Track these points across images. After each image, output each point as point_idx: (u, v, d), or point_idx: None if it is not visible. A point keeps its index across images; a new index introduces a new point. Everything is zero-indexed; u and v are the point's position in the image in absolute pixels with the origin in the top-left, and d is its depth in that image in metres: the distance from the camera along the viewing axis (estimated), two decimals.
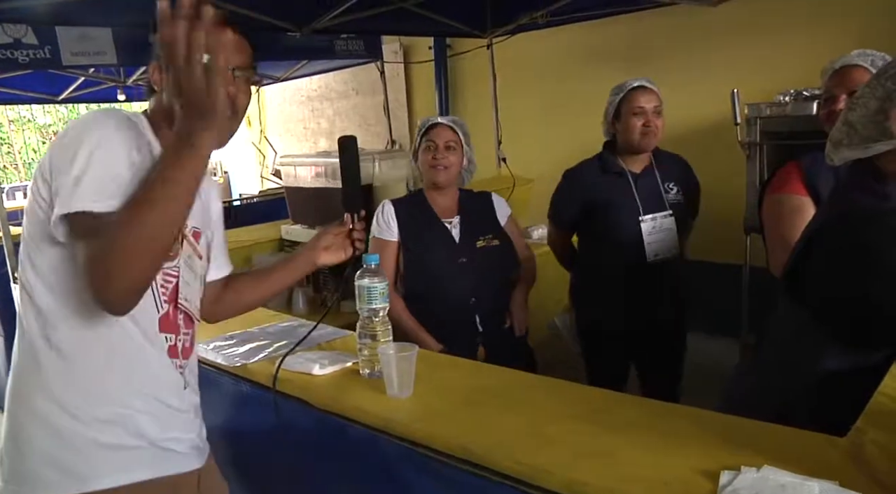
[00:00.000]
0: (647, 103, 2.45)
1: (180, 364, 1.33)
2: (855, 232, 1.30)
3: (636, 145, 2.47)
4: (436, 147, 2.32)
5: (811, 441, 1.09)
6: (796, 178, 1.91)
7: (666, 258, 2.47)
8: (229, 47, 1.21)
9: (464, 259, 2.26)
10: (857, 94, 1.40)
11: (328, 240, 1.58)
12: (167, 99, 1.27)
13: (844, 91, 1.86)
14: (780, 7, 3.95)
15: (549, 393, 1.41)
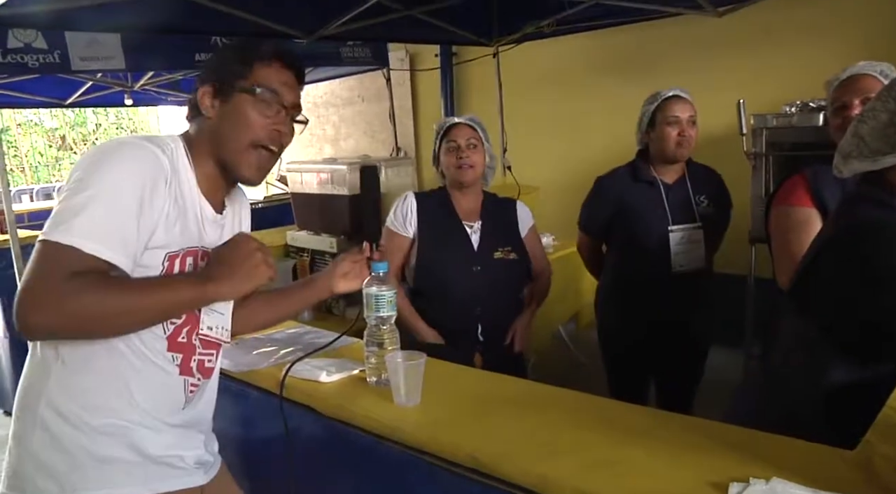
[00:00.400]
0: (682, 113, 2.44)
1: (195, 382, 1.33)
2: (864, 244, 1.30)
3: (671, 155, 2.46)
4: (458, 146, 2.29)
5: (820, 453, 1.09)
6: (803, 190, 1.91)
7: (691, 269, 2.45)
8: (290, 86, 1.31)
9: (478, 267, 2.24)
10: (868, 107, 1.40)
11: (346, 267, 1.58)
12: (212, 126, 1.29)
13: (857, 97, 1.87)
14: (785, 18, 3.96)
15: (557, 403, 1.41)
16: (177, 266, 1.24)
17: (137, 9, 3.24)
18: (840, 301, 1.33)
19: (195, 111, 1.31)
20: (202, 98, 1.28)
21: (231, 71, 1.28)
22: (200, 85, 1.30)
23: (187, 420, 1.33)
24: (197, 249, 1.27)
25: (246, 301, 1.57)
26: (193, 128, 1.32)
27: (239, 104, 1.28)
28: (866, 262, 1.29)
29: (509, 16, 4.63)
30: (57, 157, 12.90)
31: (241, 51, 1.31)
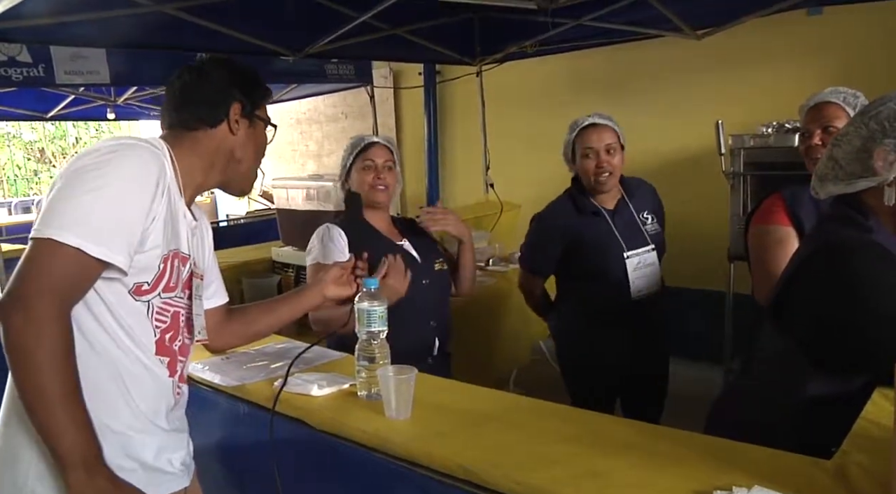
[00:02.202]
0: (597, 143, 2.40)
1: (179, 385, 1.37)
2: (840, 263, 1.35)
3: (592, 187, 2.44)
4: (375, 167, 2.25)
5: (798, 463, 1.13)
6: (780, 209, 1.98)
7: (650, 293, 2.43)
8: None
9: (426, 280, 2.22)
10: (842, 132, 1.47)
11: (336, 272, 1.67)
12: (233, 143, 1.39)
13: (818, 127, 1.98)
14: (763, 41, 4.06)
15: (545, 416, 1.44)
16: (168, 267, 1.28)
17: (124, 24, 3.26)
18: (817, 318, 1.38)
19: (198, 121, 1.35)
20: (234, 115, 1.37)
21: (254, 96, 1.41)
22: (230, 100, 1.37)
23: (175, 422, 1.37)
24: (178, 252, 1.31)
25: (244, 312, 1.61)
26: (190, 135, 1.36)
27: (261, 130, 1.44)
28: (842, 281, 1.34)
29: (493, 36, 4.69)
30: (35, 170, 12.78)
31: (257, 79, 1.44)
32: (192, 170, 1.34)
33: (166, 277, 1.28)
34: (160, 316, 1.30)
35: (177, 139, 1.34)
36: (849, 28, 3.86)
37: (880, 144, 1.35)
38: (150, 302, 1.27)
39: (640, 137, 4.59)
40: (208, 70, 1.38)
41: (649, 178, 2.66)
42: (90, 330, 1.21)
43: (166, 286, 1.29)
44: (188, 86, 1.37)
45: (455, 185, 5.84)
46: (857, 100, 1.99)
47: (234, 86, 1.38)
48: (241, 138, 1.39)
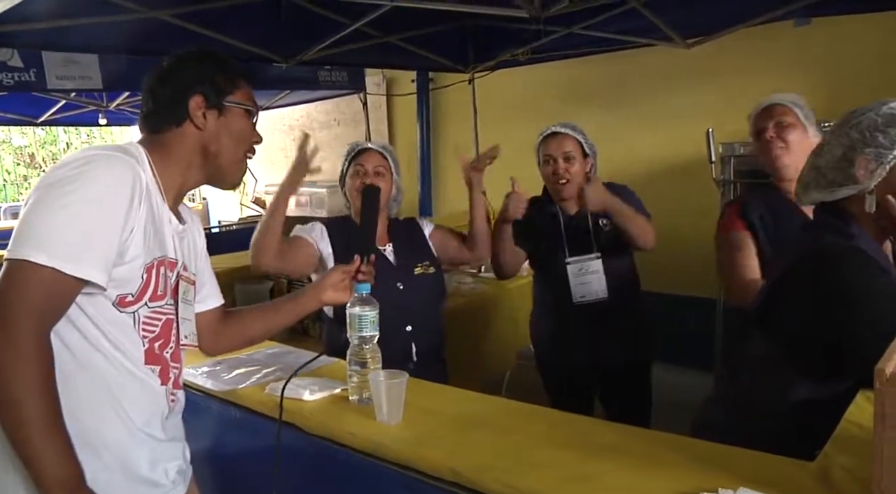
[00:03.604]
0: (556, 150, 2.46)
1: (173, 391, 1.36)
2: (828, 270, 1.38)
3: (554, 192, 2.52)
4: (365, 172, 2.28)
5: (782, 465, 1.15)
6: (735, 217, 2.13)
7: (594, 300, 2.46)
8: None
9: (401, 285, 2.23)
10: (825, 141, 1.50)
11: (336, 277, 1.62)
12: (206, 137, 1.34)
13: (771, 122, 2.11)
14: (752, 50, 4.10)
15: (533, 420, 1.46)
16: (153, 277, 1.26)
17: (117, 30, 3.27)
18: (806, 324, 1.40)
19: (165, 122, 1.32)
20: (195, 110, 1.32)
21: (218, 85, 1.35)
22: (187, 94, 1.31)
23: (171, 430, 1.36)
24: (164, 259, 1.29)
25: (239, 316, 1.60)
26: (161, 138, 1.33)
27: (236, 118, 1.37)
28: (831, 288, 1.36)
29: (485, 43, 4.72)
30: (25, 176, 12.74)
31: (222, 65, 1.37)
32: (171, 172, 1.32)
33: (152, 287, 1.26)
34: (148, 325, 1.28)
35: (151, 143, 1.32)
36: (835, 39, 3.90)
37: (861, 153, 1.38)
38: (137, 312, 1.25)
39: (631, 145, 4.65)
40: (167, 68, 1.35)
41: (640, 185, 2.68)
42: (75, 344, 1.19)
43: (153, 295, 1.27)
44: (150, 88, 1.35)
45: (447, 192, 5.85)
46: (800, 102, 2.14)
47: (193, 80, 1.33)
48: (211, 131, 1.34)
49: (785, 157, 2.07)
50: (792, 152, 2.06)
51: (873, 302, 1.31)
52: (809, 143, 2.05)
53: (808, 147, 2.01)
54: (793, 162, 2.05)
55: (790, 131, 2.07)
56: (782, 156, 2.08)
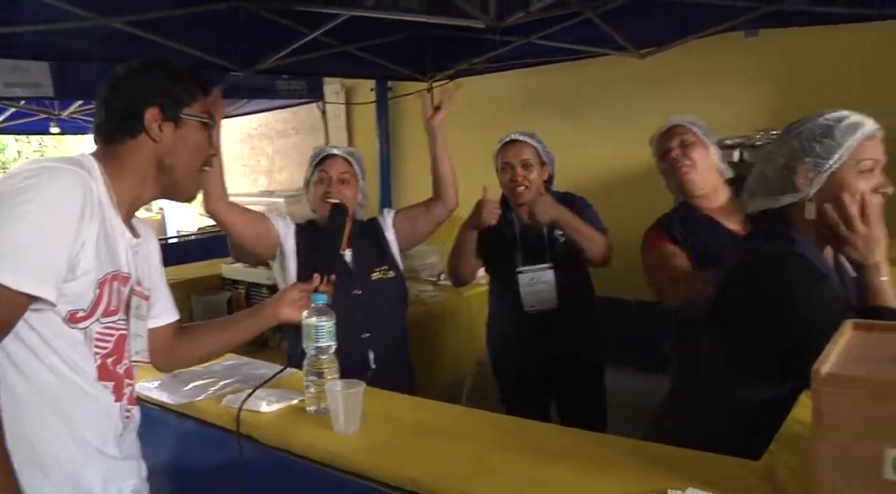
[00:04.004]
0: (514, 157, 2.52)
1: (128, 408, 1.33)
2: (771, 276, 1.43)
3: (511, 199, 2.56)
4: (329, 179, 2.26)
5: (730, 465, 1.18)
6: (659, 236, 2.18)
7: (545, 309, 2.51)
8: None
9: (358, 291, 2.22)
10: (768, 149, 1.56)
11: (294, 295, 1.61)
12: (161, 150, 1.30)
13: (675, 142, 2.17)
14: (702, 61, 4.21)
15: (489, 426, 1.48)
16: (106, 291, 1.23)
17: (68, 37, 3.22)
18: (748, 327, 1.45)
19: (120, 133, 1.29)
20: (150, 122, 1.29)
21: (175, 96, 1.32)
22: (143, 106, 1.28)
23: (126, 448, 1.33)
24: (118, 273, 1.27)
25: (194, 331, 1.58)
26: (115, 149, 1.29)
27: (192, 130, 1.34)
28: (769, 292, 1.41)
29: (443, 52, 4.75)
30: None
31: (179, 76, 1.34)
32: (125, 185, 1.29)
33: (104, 302, 1.23)
34: (101, 341, 1.25)
35: (105, 154, 1.29)
36: (783, 50, 4.03)
37: (801, 162, 1.43)
38: (89, 328, 1.22)
39: (587, 152, 4.72)
40: (122, 78, 1.31)
41: (596, 192, 2.74)
42: (24, 363, 1.16)
43: (106, 310, 1.24)
44: (104, 98, 1.31)
45: (407, 200, 5.79)
46: (699, 122, 2.22)
47: (149, 91, 1.29)
48: (167, 144, 1.30)
49: (693, 174, 2.13)
50: (698, 169, 2.13)
51: (813, 306, 1.36)
52: (711, 160, 2.17)
53: (710, 164, 2.16)
54: (700, 178, 2.14)
55: (693, 149, 2.14)
56: (690, 174, 2.13)
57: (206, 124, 1.37)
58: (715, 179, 2.18)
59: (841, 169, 1.42)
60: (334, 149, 2.36)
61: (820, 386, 0.88)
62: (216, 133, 1.81)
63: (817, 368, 0.89)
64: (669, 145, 2.18)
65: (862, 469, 0.84)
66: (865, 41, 3.65)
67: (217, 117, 1.45)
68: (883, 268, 1.43)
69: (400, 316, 2.39)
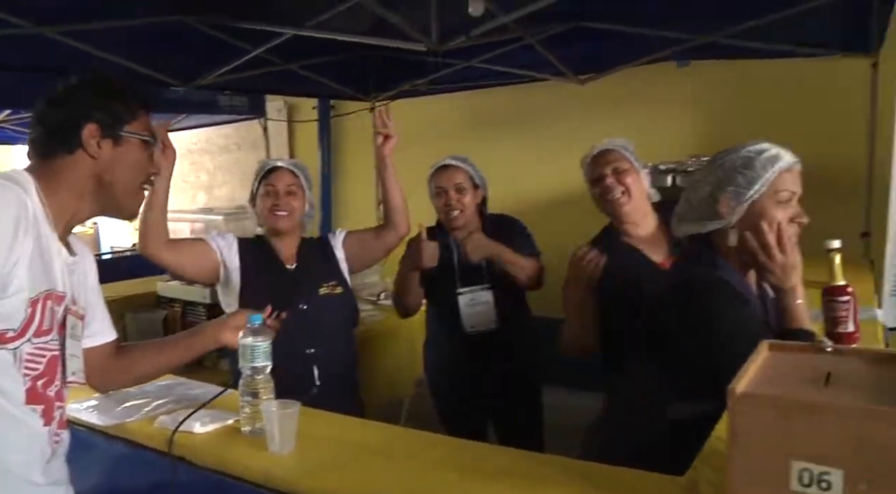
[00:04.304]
0: (447, 182, 2.57)
1: (57, 432, 1.29)
2: (696, 300, 1.49)
3: (446, 223, 2.60)
4: (276, 192, 2.26)
5: (657, 481, 1.23)
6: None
7: (485, 330, 2.55)
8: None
9: (304, 305, 2.22)
10: (695, 178, 1.63)
11: (239, 321, 1.61)
12: (100, 167, 1.28)
13: (608, 169, 2.18)
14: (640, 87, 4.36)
15: (425, 446, 1.49)
16: (38, 311, 1.20)
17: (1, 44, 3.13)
18: (675, 348, 1.51)
19: (55, 148, 1.27)
20: (88, 138, 1.27)
21: (115, 113, 1.30)
22: (81, 122, 1.26)
23: (53, 474, 1.29)
24: (52, 292, 1.24)
25: (132, 351, 1.55)
26: (50, 165, 1.27)
27: (133, 148, 1.33)
28: (694, 316, 1.47)
29: (386, 73, 4.80)
30: None
31: (120, 93, 1.33)
32: (61, 201, 1.26)
33: (37, 322, 1.20)
34: (32, 362, 1.21)
35: (40, 169, 1.26)
36: (713, 80, 4.21)
37: (724, 192, 1.51)
38: (18, 349, 1.18)
39: (528, 174, 4.81)
40: (61, 92, 1.30)
41: (536, 213, 2.81)
42: None
43: (38, 330, 1.21)
44: (40, 112, 1.30)
45: (348, 219, 5.85)
46: (630, 145, 2.25)
47: (87, 107, 1.28)
48: (106, 160, 1.29)
49: (626, 203, 2.16)
50: (632, 197, 2.16)
51: (731, 329, 1.43)
52: (643, 186, 2.20)
53: (642, 189, 2.19)
54: (632, 207, 2.17)
55: (627, 176, 2.16)
56: (624, 202, 2.16)
57: (147, 142, 1.36)
58: (646, 206, 2.21)
59: (761, 199, 1.50)
60: (279, 161, 2.36)
61: (734, 405, 0.93)
62: (164, 178, 1.81)
63: (732, 387, 0.94)
64: (603, 172, 2.18)
65: (772, 481, 0.89)
66: (786, 75, 3.85)
67: (165, 161, 1.43)
68: (799, 292, 1.51)
69: (347, 333, 2.38)
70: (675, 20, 3.48)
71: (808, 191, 1.58)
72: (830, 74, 3.58)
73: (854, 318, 1.60)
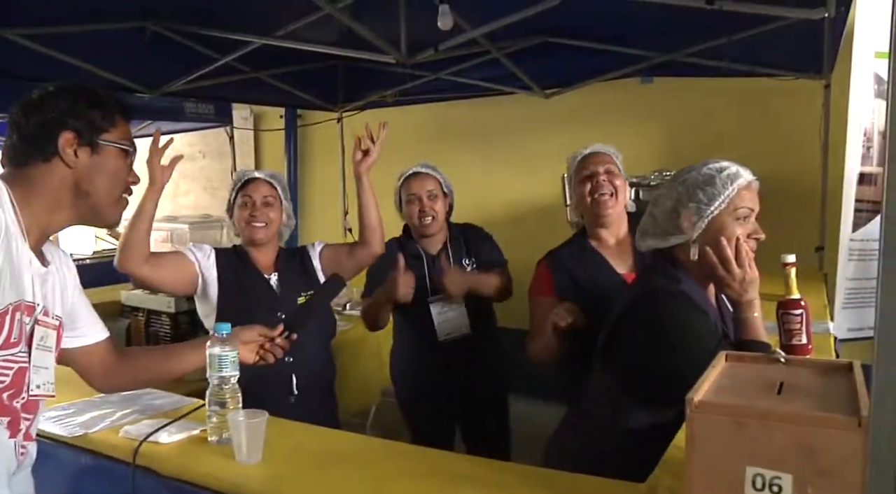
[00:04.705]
0: (419, 189, 2.59)
1: (23, 444, 1.28)
2: (654, 312, 1.54)
3: (418, 230, 2.62)
4: (253, 202, 2.27)
5: (617, 489, 1.27)
6: (544, 281, 2.23)
7: (458, 336, 2.58)
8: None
9: (283, 313, 2.19)
10: (659, 192, 1.68)
11: (249, 336, 1.63)
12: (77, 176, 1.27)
13: (601, 167, 2.19)
14: (604, 103, 4.44)
15: (391, 455, 1.51)
16: (7, 323, 1.18)
17: None
18: (635, 358, 1.55)
19: (30, 156, 1.25)
20: (65, 146, 1.25)
21: (92, 121, 1.29)
22: (58, 129, 1.25)
23: (18, 486, 1.28)
24: (20, 303, 1.22)
25: (137, 355, 1.54)
26: (25, 173, 1.25)
27: (111, 157, 1.32)
28: (655, 327, 1.52)
29: (354, 83, 4.81)
30: None
31: (97, 101, 1.32)
32: (34, 210, 1.24)
33: (4, 333, 1.18)
34: None
35: (14, 178, 1.25)
36: (674, 97, 4.31)
37: (685, 207, 1.56)
38: None
39: (494, 186, 4.87)
40: (37, 100, 1.28)
41: (502, 225, 2.84)
42: None
43: (5, 343, 1.19)
44: (15, 119, 1.28)
45: (314, 229, 5.83)
46: (619, 155, 2.28)
47: (64, 115, 1.26)
48: (83, 169, 1.27)
49: (613, 206, 2.17)
50: (619, 200, 2.18)
51: (692, 340, 1.48)
52: (626, 194, 2.23)
53: (626, 197, 2.22)
54: (617, 210, 2.19)
55: (617, 179, 2.19)
56: (612, 204, 2.16)
57: (126, 151, 1.35)
58: (624, 214, 2.24)
59: (720, 215, 1.55)
60: (256, 172, 2.37)
61: (692, 413, 0.97)
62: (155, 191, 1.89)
63: (690, 396, 0.98)
64: (596, 169, 2.18)
65: (727, 486, 0.93)
66: (744, 93, 3.97)
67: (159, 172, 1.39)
68: (756, 305, 1.57)
69: (325, 343, 2.38)
70: (639, 38, 3.57)
71: (766, 207, 1.64)
72: (786, 94, 3.69)
73: (807, 331, 1.66)
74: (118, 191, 1.35)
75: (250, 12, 3.25)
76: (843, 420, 0.88)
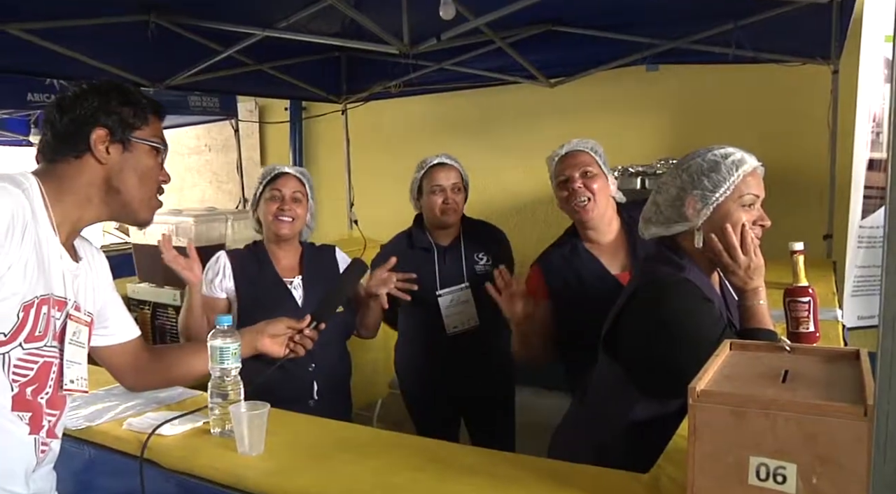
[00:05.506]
0: (445, 181, 2.56)
1: (45, 441, 1.28)
2: (657, 300, 1.52)
3: (438, 222, 2.58)
4: (282, 197, 2.24)
5: (621, 479, 1.25)
6: (538, 283, 2.20)
7: (466, 329, 2.57)
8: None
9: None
10: (662, 180, 1.66)
11: (279, 329, 1.64)
12: (109, 172, 1.28)
13: (577, 171, 2.14)
14: (610, 91, 4.42)
15: (393, 446, 1.50)
16: (31, 316, 1.19)
17: None
18: (640, 348, 1.54)
19: (62, 152, 1.27)
20: (97, 143, 1.27)
21: (125, 119, 1.30)
22: (90, 126, 1.27)
23: (38, 483, 1.27)
24: (49, 297, 1.23)
25: (167, 353, 1.54)
26: (56, 168, 1.27)
27: (142, 154, 1.33)
28: (659, 316, 1.50)
29: (358, 75, 4.80)
30: None
31: (131, 99, 1.33)
32: (65, 205, 1.25)
33: (28, 326, 1.18)
34: (21, 368, 1.20)
35: (46, 173, 1.26)
36: (680, 85, 4.28)
37: (690, 194, 1.54)
38: (8, 354, 1.17)
39: (499, 176, 4.85)
40: (71, 98, 1.30)
41: (507, 215, 2.83)
42: None
43: (29, 336, 1.19)
44: (49, 117, 1.30)
45: (319, 221, 5.75)
46: (599, 149, 2.21)
47: (97, 112, 1.28)
48: (114, 166, 1.29)
49: (592, 210, 2.12)
50: (598, 203, 2.12)
51: (695, 329, 1.46)
52: (609, 191, 2.17)
53: (608, 195, 2.16)
54: (598, 213, 2.13)
55: (595, 181, 2.13)
56: (590, 209, 2.12)
57: (157, 149, 1.36)
58: (610, 212, 2.19)
59: (725, 202, 1.53)
60: (286, 167, 2.35)
61: (695, 402, 0.95)
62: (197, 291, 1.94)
63: (693, 385, 0.97)
64: (572, 174, 2.13)
65: (730, 476, 0.91)
66: (751, 80, 3.93)
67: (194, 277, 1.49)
68: (761, 293, 1.55)
69: (343, 347, 2.37)
70: (645, 25, 3.54)
71: (773, 194, 1.62)
72: (794, 80, 3.66)
73: (814, 319, 1.65)
74: (149, 189, 1.37)
75: (253, 4, 3.24)
76: (848, 408, 0.86)
